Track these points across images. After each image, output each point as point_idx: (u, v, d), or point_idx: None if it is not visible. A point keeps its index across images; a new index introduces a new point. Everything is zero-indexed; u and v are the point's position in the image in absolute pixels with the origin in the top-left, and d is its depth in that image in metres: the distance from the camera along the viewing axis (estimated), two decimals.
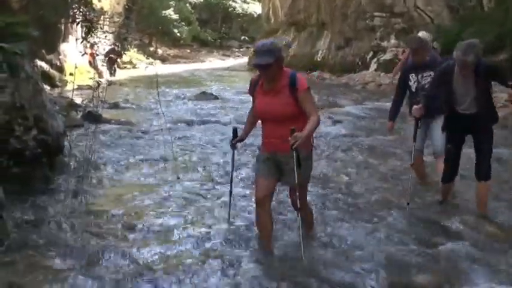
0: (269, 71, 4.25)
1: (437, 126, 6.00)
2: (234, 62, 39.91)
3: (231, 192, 5.38)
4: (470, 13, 17.07)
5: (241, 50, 47.88)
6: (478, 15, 16.61)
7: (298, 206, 4.50)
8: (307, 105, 4.32)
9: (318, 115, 4.42)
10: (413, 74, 6.27)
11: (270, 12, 33.91)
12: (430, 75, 5.99)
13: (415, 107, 5.75)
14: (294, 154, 4.22)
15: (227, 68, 35.44)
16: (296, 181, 4.36)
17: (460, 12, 17.81)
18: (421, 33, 6.94)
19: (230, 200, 5.36)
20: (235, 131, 4.97)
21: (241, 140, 4.93)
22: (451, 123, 5.46)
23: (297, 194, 4.46)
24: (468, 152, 5.80)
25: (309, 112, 4.31)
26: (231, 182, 5.48)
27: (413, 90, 6.26)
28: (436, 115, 5.99)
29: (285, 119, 4.29)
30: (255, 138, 5.49)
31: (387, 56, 20.86)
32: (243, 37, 49.96)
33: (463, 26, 16.92)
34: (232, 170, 5.61)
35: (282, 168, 4.50)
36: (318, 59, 26.47)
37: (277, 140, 4.39)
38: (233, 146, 4.94)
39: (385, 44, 21.92)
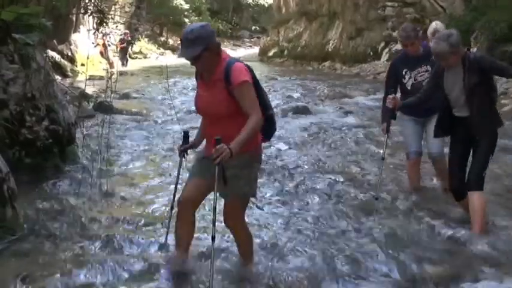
0: (200, 63, 3.63)
1: (432, 127, 5.31)
2: (245, 52, 40.03)
3: (172, 207, 4.34)
4: (484, 2, 16.98)
5: (252, 40, 48.00)
6: (492, 5, 16.50)
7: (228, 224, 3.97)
8: (243, 102, 3.57)
9: (259, 114, 3.57)
10: (407, 70, 5.65)
11: (281, 2, 33.87)
12: (427, 70, 5.55)
13: (389, 96, 5.32)
14: (216, 169, 3.48)
15: (238, 58, 35.37)
16: (228, 192, 3.73)
17: (472, 1, 17.72)
18: (435, 23, 6.63)
19: (170, 214, 4.36)
20: (186, 135, 4.21)
21: (193, 146, 4.17)
22: (447, 126, 4.95)
23: (225, 209, 3.90)
24: None
25: (246, 110, 3.55)
26: (174, 195, 4.36)
27: (409, 88, 5.66)
28: (432, 115, 5.44)
29: (222, 117, 3.68)
30: None
31: (399, 46, 20.69)
32: (254, 27, 50.07)
33: (475, 15, 16.85)
34: (177, 184, 4.50)
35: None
36: (329, 49, 26.45)
37: (210, 142, 3.69)
38: (181, 153, 4.11)
39: (396, 34, 21.80)
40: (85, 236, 4.92)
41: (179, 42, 4.07)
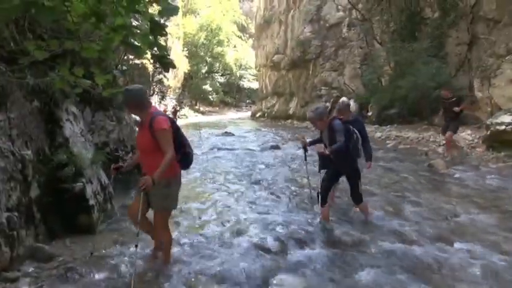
0: (127, 108, 3.29)
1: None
2: (243, 114, 40.04)
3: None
4: (375, 87, 17.27)
5: (246, 107, 48.09)
6: (379, 88, 16.78)
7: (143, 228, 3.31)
8: (161, 143, 3.07)
9: (171, 152, 3.06)
10: None
11: (263, 87, 34.16)
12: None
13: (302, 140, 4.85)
14: (141, 194, 3.16)
15: (238, 118, 35.55)
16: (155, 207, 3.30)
17: (369, 86, 18.03)
18: (343, 98, 6.64)
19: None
20: (116, 158, 4.17)
21: (123, 168, 3.57)
22: (327, 163, 4.47)
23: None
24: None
25: (163, 149, 3.06)
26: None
27: None
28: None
29: (147, 150, 3.17)
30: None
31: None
32: (247, 100, 50.25)
33: (370, 94, 17.10)
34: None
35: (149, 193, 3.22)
36: (290, 113, 26.63)
37: (145, 168, 3.28)
38: (114, 171, 3.59)
39: (327, 104, 22.06)
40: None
41: (206, 109, 4.15)
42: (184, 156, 3.32)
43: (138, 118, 3.34)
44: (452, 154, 8.70)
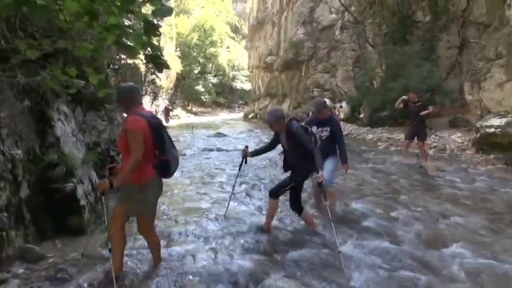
0: (119, 106, 3.30)
1: (327, 165, 4.80)
2: (235, 115, 39.96)
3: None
4: (367, 89, 17.37)
5: (239, 108, 47.99)
6: (371, 91, 16.88)
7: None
8: (130, 145, 2.91)
9: (136, 155, 2.87)
10: (315, 127, 4.85)
11: (256, 88, 34.17)
12: (327, 129, 4.96)
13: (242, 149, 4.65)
14: (103, 199, 3.06)
15: (231, 119, 35.47)
16: (132, 212, 3.18)
17: (361, 89, 18.12)
18: (327, 100, 6.62)
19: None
20: (112, 158, 4.06)
21: (115, 167, 3.32)
22: (286, 166, 4.29)
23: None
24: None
25: (130, 151, 2.92)
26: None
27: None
28: (327, 158, 4.86)
29: (122, 150, 3.06)
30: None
31: None
32: (240, 101, 50.15)
33: (363, 96, 17.18)
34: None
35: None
36: None
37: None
38: (106, 171, 3.37)
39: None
40: None
41: (198, 109, 4.11)
42: (161, 163, 3.09)
43: None
44: (409, 158, 8.67)
